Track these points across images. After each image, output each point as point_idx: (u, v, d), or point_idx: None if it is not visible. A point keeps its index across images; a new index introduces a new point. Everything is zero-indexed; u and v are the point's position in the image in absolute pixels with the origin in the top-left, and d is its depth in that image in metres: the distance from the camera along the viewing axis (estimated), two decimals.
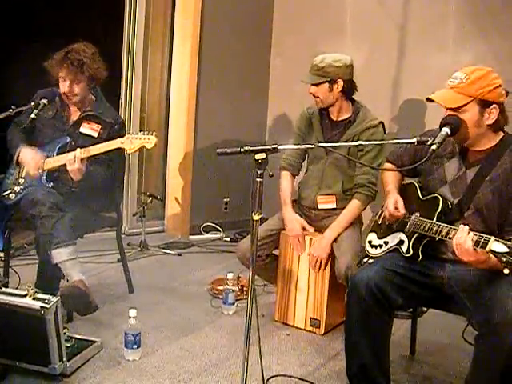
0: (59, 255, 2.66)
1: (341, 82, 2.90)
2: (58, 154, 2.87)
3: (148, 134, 2.75)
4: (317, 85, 2.91)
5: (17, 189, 2.90)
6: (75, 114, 3.02)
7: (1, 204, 2.92)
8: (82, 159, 2.74)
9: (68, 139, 2.93)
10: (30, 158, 2.87)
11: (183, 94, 4.64)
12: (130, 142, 2.75)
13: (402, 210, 2.31)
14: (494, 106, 2.07)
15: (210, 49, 4.69)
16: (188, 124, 4.66)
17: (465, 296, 2.11)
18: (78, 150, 2.75)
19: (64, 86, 2.89)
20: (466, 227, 1.94)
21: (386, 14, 4.20)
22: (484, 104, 2.06)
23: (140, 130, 2.86)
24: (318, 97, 2.95)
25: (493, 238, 1.84)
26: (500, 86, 2.08)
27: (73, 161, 2.73)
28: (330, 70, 2.87)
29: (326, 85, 2.90)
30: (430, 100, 2.14)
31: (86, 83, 2.94)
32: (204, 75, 4.69)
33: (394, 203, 2.33)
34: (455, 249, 1.96)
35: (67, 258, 2.67)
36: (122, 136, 2.82)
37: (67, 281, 2.70)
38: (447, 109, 2.10)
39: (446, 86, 2.12)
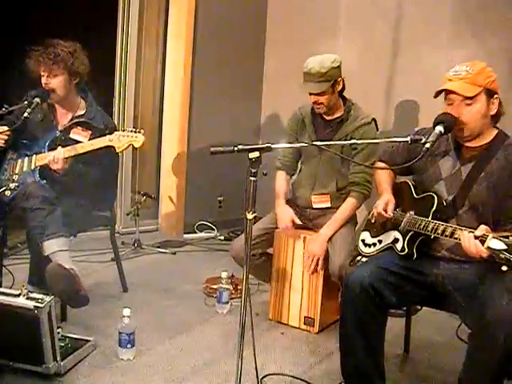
0: (50, 246, 2.63)
1: (341, 81, 2.89)
2: (49, 150, 2.86)
3: (136, 132, 2.72)
4: (323, 91, 2.84)
5: (12, 185, 2.89)
6: (65, 118, 2.99)
7: None
8: (66, 158, 2.74)
9: (57, 133, 2.92)
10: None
11: (177, 92, 4.63)
12: (119, 140, 2.72)
13: (390, 213, 2.30)
14: (496, 96, 2.10)
15: (204, 49, 4.68)
16: (182, 122, 4.66)
17: (458, 294, 2.12)
18: (60, 149, 2.74)
19: (43, 80, 2.86)
20: (466, 232, 1.92)
21: (380, 13, 4.20)
22: (490, 93, 2.09)
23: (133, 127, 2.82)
24: (321, 103, 2.88)
25: (491, 235, 1.83)
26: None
27: (53, 161, 2.73)
28: (331, 72, 2.81)
29: (330, 89, 2.85)
30: (438, 94, 2.12)
31: (65, 78, 2.88)
32: (198, 75, 4.69)
33: (384, 204, 2.32)
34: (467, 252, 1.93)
35: (58, 249, 2.63)
36: None
37: None
38: (464, 98, 2.06)
39: (453, 79, 2.09)
